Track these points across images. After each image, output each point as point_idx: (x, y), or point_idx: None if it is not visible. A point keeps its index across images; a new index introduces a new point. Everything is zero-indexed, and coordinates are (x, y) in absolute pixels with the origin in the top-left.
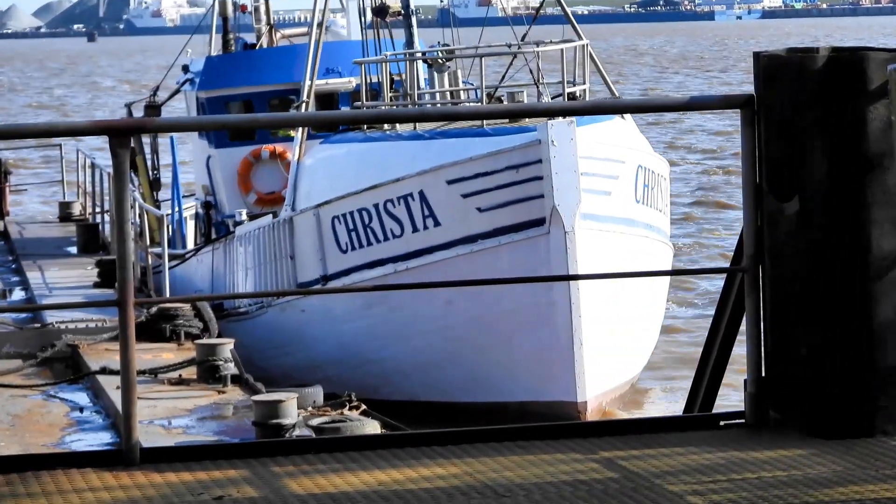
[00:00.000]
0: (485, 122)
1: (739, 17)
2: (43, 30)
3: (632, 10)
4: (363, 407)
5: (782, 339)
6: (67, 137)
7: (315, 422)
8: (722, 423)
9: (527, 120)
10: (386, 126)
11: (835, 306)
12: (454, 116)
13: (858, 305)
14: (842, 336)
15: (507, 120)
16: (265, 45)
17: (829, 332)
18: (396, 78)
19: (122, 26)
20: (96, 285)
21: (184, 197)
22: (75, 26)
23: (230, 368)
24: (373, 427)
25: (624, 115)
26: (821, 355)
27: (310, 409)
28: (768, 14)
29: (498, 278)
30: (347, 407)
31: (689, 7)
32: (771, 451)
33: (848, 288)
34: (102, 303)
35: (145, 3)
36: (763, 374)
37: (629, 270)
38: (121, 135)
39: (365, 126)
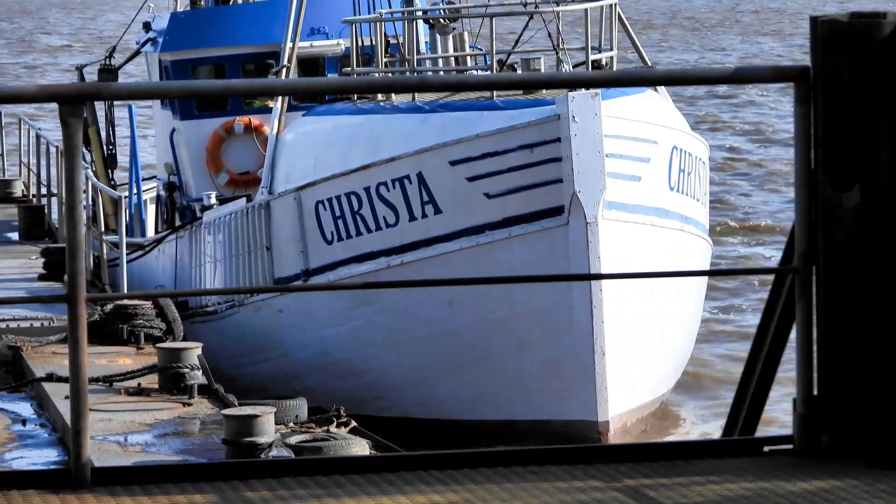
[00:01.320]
0: (495, 93)
1: None
2: None
3: None
4: (353, 423)
5: (838, 352)
6: (10, 105)
7: (294, 440)
8: (766, 448)
9: (544, 91)
10: (379, 96)
11: None
12: (459, 86)
13: None
14: None
15: (520, 91)
16: (240, 1)
17: (893, 344)
18: (392, 41)
19: None
20: (41, 278)
21: (144, 179)
22: None
23: (197, 377)
24: (360, 447)
25: (657, 87)
26: (883, 372)
27: (290, 424)
28: None
29: (508, 276)
30: (335, 423)
31: None
32: (822, 483)
33: None
34: (49, 298)
35: None
36: (815, 393)
37: (660, 269)
38: (72, 102)
39: (355, 96)
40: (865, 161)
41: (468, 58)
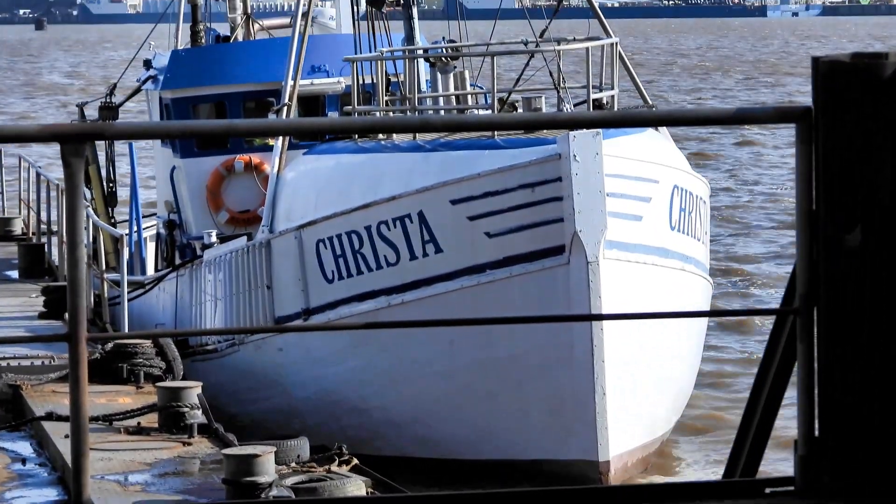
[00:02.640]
0: (496, 131)
1: (796, 14)
2: None
3: (670, 3)
4: (354, 461)
5: (840, 392)
6: (11, 144)
7: (291, 481)
8: (768, 490)
9: (545, 130)
10: (380, 135)
11: None
12: (461, 126)
13: None
14: None
15: (522, 130)
16: (241, 38)
17: (895, 385)
18: (393, 79)
19: (75, 12)
20: (42, 316)
21: (144, 217)
22: (21, 12)
23: (197, 416)
24: (357, 487)
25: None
26: (885, 413)
27: (293, 464)
28: (829, 10)
29: (509, 317)
30: (337, 462)
31: (737, 1)
32: None
33: None
34: (50, 337)
35: None
36: (816, 434)
37: (661, 309)
38: (74, 141)
39: (356, 135)
40: (868, 201)
41: (469, 96)
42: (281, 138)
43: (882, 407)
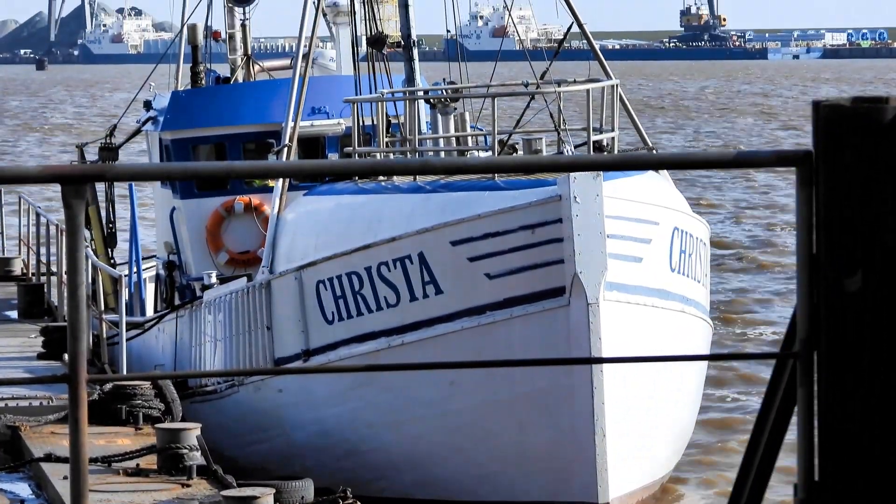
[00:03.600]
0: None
1: (796, 57)
2: None
3: (671, 45)
4: None
5: (839, 437)
6: (12, 185)
7: None
8: None
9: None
10: (381, 176)
11: None
12: (461, 169)
13: None
14: None
15: (521, 173)
16: (241, 80)
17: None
18: (394, 120)
19: (76, 53)
20: (41, 357)
21: (144, 258)
22: (23, 52)
23: (196, 458)
24: None
25: None
26: (886, 458)
27: None
28: (830, 53)
29: (509, 360)
30: None
31: (738, 43)
32: None
33: None
34: (50, 379)
35: (104, 26)
36: (816, 479)
37: (662, 351)
38: (75, 183)
39: (356, 176)
40: (869, 245)
41: (469, 138)
42: (281, 179)
43: (882, 452)
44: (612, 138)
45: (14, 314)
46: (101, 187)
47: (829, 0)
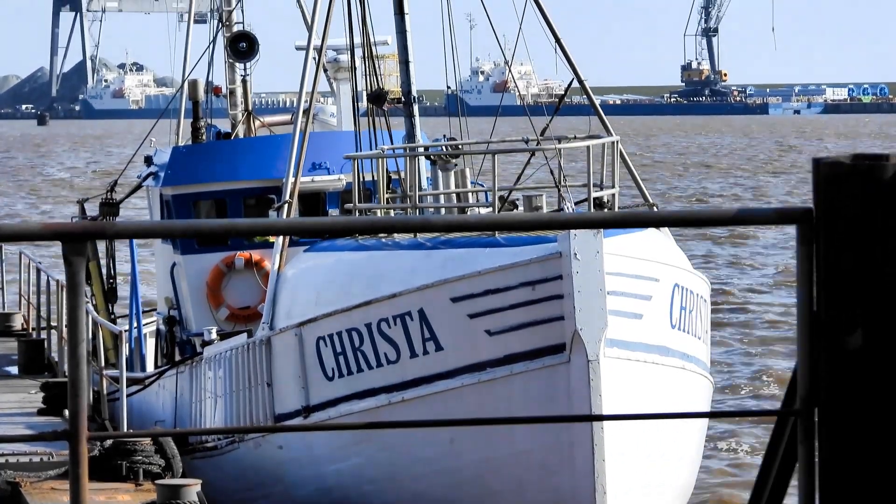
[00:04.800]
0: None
1: (797, 112)
2: None
3: (672, 100)
4: None
5: (841, 495)
6: (13, 243)
7: None
8: None
9: None
10: (381, 233)
11: None
12: (462, 227)
13: None
14: None
15: (522, 230)
16: (241, 135)
17: None
18: (394, 176)
19: (78, 108)
20: (41, 412)
21: (144, 311)
22: (24, 107)
23: None
24: None
25: None
26: None
27: None
28: (831, 108)
29: (509, 417)
30: None
31: (738, 98)
32: None
33: None
34: (51, 435)
35: (106, 81)
36: None
37: (662, 408)
38: (76, 240)
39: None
40: (869, 303)
41: (470, 194)
42: (282, 236)
43: None
44: (613, 195)
45: (14, 370)
46: (101, 242)
47: (830, 55)
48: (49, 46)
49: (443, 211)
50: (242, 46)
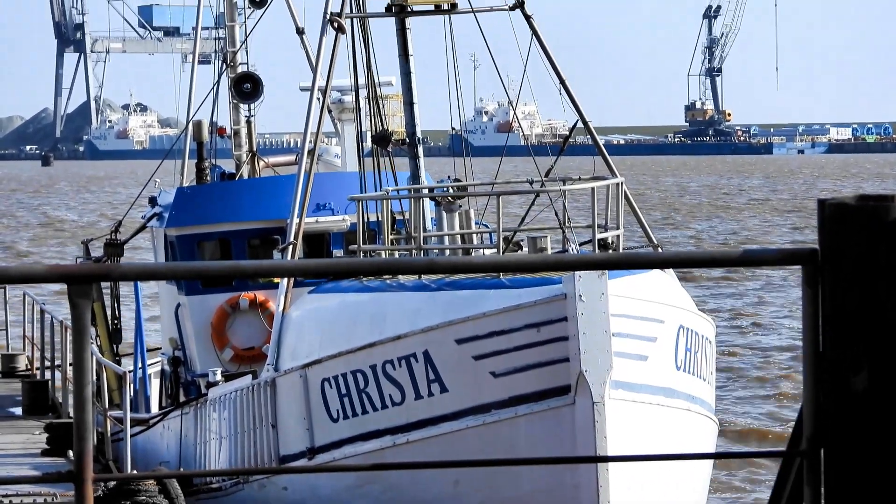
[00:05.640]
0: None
1: (801, 152)
2: None
3: (676, 140)
4: None
5: None
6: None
7: None
8: None
9: None
10: (386, 275)
11: None
12: (467, 268)
13: None
14: None
15: (527, 272)
16: (246, 176)
17: None
18: (399, 216)
19: (82, 148)
20: (45, 453)
21: (148, 351)
22: (28, 148)
23: None
24: None
25: None
26: None
27: None
28: (835, 148)
29: (514, 458)
30: None
31: (742, 138)
32: None
33: None
34: (55, 477)
35: (110, 122)
36: None
37: (667, 450)
38: (82, 282)
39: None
40: (874, 343)
41: (474, 235)
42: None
43: None
44: (618, 236)
45: (18, 410)
46: (106, 283)
47: (834, 95)
48: (53, 87)
49: (447, 252)
50: (247, 87)
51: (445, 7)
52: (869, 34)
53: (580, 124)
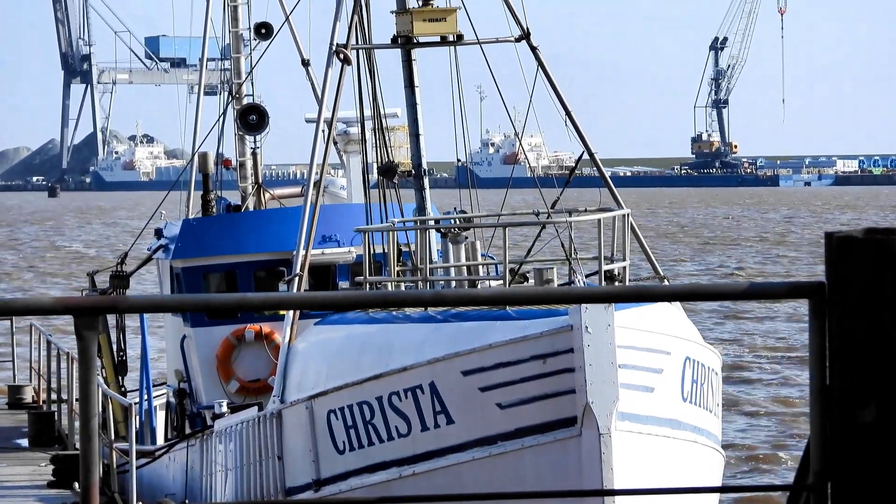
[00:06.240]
0: None
1: (808, 184)
2: None
3: (682, 172)
4: None
5: None
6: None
7: None
8: None
9: None
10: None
11: None
12: (473, 301)
13: None
14: None
15: (533, 305)
16: (251, 208)
17: None
18: (405, 248)
19: (88, 180)
20: (51, 485)
21: (154, 385)
22: (35, 179)
23: None
24: None
25: None
26: None
27: None
28: (842, 180)
29: (520, 491)
30: None
31: (749, 170)
32: None
33: None
34: None
35: (116, 153)
36: None
37: (674, 482)
38: (88, 315)
39: None
40: (881, 377)
41: (480, 266)
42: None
43: None
44: (624, 268)
45: (24, 442)
46: (112, 315)
47: (840, 127)
48: (60, 118)
49: (453, 284)
50: (252, 119)
51: (451, 38)
52: (877, 67)
53: (586, 156)
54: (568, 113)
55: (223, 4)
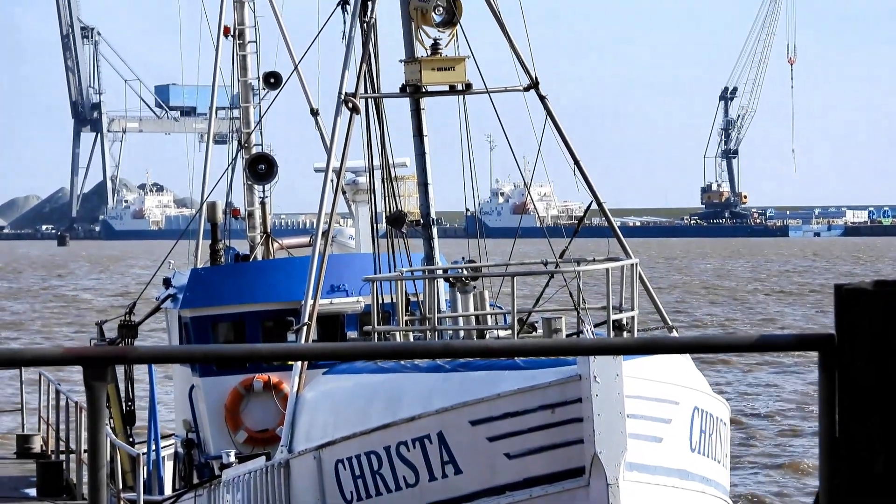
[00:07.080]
0: None
1: (818, 234)
2: (6, 230)
3: (692, 222)
4: None
5: None
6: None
7: None
8: None
9: None
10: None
11: None
12: (483, 352)
13: None
14: None
15: (542, 356)
16: (260, 257)
17: None
18: (413, 298)
19: (97, 228)
20: None
21: (162, 436)
22: (44, 227)
23: None
24: None
25: None
26: None
27: None
28: (851, 231)
29: None
30: None
31: (758, 221)
32: None
33: None
34: None
35: (126, 202)
36: None
37: None
38: (97, 365)
39: None
40: (891, 430)
41: (489, 316)
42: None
43: None
44: (632, 318)
45: (33, 492)
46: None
47: (850, 177)
48: (70, 166)
49: (462, 334)
50: (261, 168)
51: (460, 88)
52: (887, 116)
53: (595, 206)
54: (577, 162)
55: (232, 53)
